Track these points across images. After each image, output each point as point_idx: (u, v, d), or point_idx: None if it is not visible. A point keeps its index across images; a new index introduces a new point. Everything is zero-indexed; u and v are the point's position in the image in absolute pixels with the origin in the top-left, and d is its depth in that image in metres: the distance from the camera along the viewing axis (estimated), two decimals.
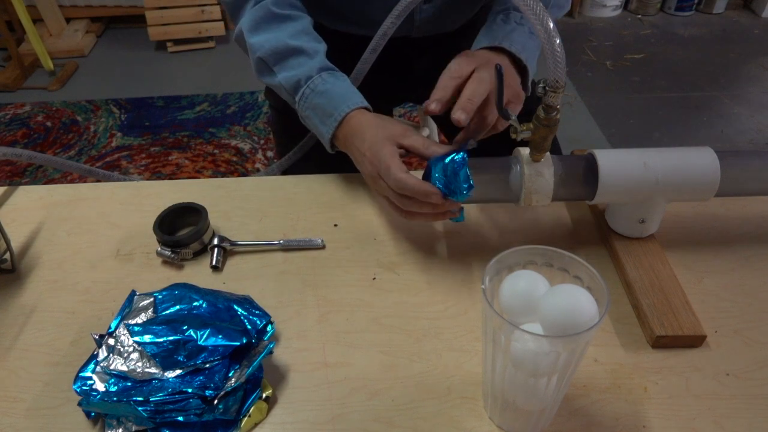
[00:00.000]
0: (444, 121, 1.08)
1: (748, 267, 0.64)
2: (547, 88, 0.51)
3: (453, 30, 0.89)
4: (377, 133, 0.62)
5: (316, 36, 0.73)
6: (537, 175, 0.58)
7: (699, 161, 0.60)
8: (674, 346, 0.56)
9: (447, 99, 0.62)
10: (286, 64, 0.70)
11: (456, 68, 0.63)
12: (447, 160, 0.58)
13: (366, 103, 0.67)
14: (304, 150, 0.80)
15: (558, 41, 0.49)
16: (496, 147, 0.69)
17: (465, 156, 0.58)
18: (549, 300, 0.42)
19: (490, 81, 0.61)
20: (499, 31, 0.68)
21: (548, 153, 0.59)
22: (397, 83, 0.95)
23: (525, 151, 0.59)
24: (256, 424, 0.51)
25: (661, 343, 0.56)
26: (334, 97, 0.67)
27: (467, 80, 0.62)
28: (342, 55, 0.75)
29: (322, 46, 0.72)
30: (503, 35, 0.67)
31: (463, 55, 0.65)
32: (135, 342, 0.51)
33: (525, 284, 0.44)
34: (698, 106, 2.28)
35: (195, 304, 0.55)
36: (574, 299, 0.41)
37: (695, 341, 0.56)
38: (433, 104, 0.61)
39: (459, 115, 0.60)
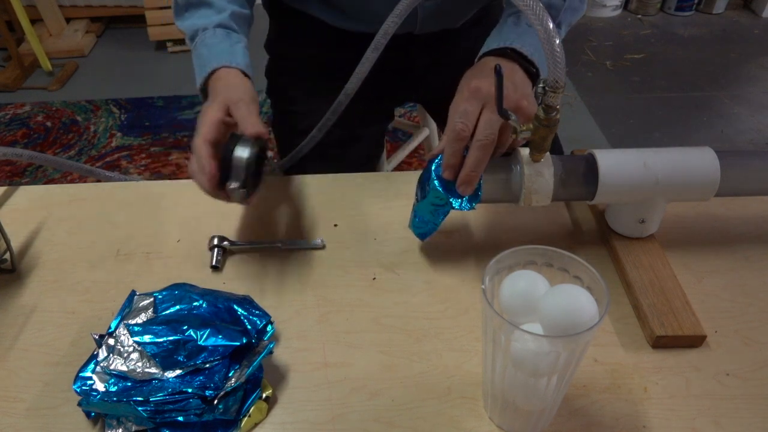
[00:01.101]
0: (443, 121, 1.08)
1: (748, 267, 0.64)
2: (547, 88, 0.51)
3: (456, 27, 0.89)
4: (217, 95, 0.63)
5: (241, 1, 0.76)
6: (537, 175, 0.58)
7: (699, 161, 0.60)
8: (674, 346, 0.56)
9: (459, 163, 0.59)
10: (195, 13, 0.74)
11: (461, 124, 0.58)
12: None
13: (241, 66, 0.68)
14: (304, 150, 0.80)
15: (558, 41, 0.49)
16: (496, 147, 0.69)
17: None
18: (549, 300, 0.42)
19: (498, 119, 0.58)
20: (510, 33, 0.67)
21: (548, 153, 0.59)
22: (399, 82, 0.95)
23: (525, 151, 0.59)
24: (256, 424, 0.51)
25: (661, 343, 0.56)
26: (214, 52, 0.69)
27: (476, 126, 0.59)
28: (344, 54, 0.75)
29: (238, 9, 0.74)
30: (515, 36, 0.66)
31: (467, 90, 0.61)
32: (135, 342, 0.51)
33: (525, 284, 0.44)
34: (698, 106, 2.28)
35: (195, 304, 0.55)
36: (574, 299, 0.41)
37: (695, 341, 0.56)
38: (447, 173, 0.59)
39: (464, 189, 0.58)
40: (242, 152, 0.58)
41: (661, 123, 2.20)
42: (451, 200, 0.60)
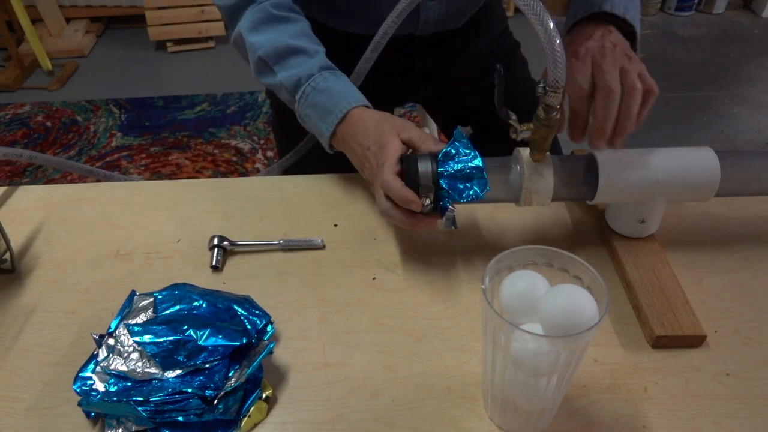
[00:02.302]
0: (443, 121, 1.08)
1: (748, 267, 0.64)
2: (547, 88, 0.51)
3: (457, 27, 0.89)
4: (383, 127, 0.62)
5: (315, 38, 0.73)
6: (537, 175, 0.58)
7: (699, 161, 0.60)
8: (674, 346, 0.56)
9: (586, 124, 0.59)
10: (287, 63, 0.70)
11: (578, 90, 0.58)
12: (461, 165, 0.57)
13: (367, 102, 0.67)
14: (304, 150, 0.80)
15: (558, 41, 0.49)
16: (496, 147, 0.69)
17: (483, 162, 0.57)
18: (549, 300, 0.42)
19: (617, 86, 0.57)
20: None
21: (548, 153, 0.59)
22: (399, 82, 0.95)
23: (525, 151, 0.59)
24: (256, 424, 0.51)
25: (661, 343, 0.56)
26: (335, 95, 0.66)
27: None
28: (345, 55, 0.75)
29: (322, 48, 0.72)
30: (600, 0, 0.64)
31: (573, 55, 0.60)
32: (135, 342, 0.51)
33: (525, 284, 0.44)
34: (698, 106, 2.28)
35: (195, 304, 0.55)
36: (574, 299, 0.41)
37: (695, 341, 0.56)
38: (576, 135, 0.59)
39: (597, 142, 0.58)
40: (425, 167, 0.59)
41: (661, 123, 2.20)
42: (459, 199, 0.59)
